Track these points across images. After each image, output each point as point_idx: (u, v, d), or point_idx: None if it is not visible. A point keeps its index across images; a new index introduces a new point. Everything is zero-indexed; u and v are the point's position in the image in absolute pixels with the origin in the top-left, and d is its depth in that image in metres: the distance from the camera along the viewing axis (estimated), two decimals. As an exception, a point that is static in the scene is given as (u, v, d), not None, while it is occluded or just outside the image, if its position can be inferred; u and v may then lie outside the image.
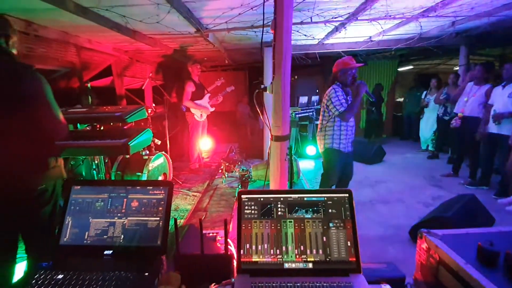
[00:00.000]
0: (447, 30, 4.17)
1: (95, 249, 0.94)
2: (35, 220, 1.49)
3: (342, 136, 2.70)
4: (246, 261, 0.84)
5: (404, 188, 4.02)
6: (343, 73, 2.65)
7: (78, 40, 3.77)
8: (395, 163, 5.31)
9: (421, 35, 4.49)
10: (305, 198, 0.88)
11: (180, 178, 4.27)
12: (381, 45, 5.01)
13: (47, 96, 1.47)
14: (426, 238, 1.00)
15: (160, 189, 1.00)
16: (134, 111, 2.26)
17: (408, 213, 3.23)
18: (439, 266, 0.94)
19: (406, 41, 4.73)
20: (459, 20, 3.71)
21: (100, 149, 1.96)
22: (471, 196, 2.66)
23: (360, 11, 3.06)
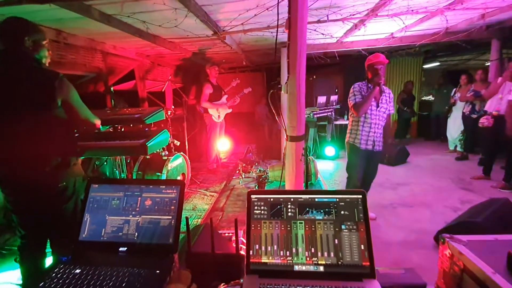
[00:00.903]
0: (476, 23, 3.92)
1: (110, 246, 0.97)
2: (58, 216, 1.57)
3: (359, 132, 2.74)
4: (255, 262, 0.83)
5: (429, 191, 3.83)
6: (368, 69, 2.76)
7: (104, 46, 3.96)
8: (419, 165, 5.07)
9: (447, 30, 4.26)
10: (316, 199, 0.86)
11: (198, 178, 4.34)
12: (404, 42, 4.80)
13: (73, 100, 1.56)
14: (449, 244, 0.94)
15: (173, 188, 1.01)
16: (152, 113, 2.33)
17: (433, 217, 3.06)
18: (463, 274, 0.87)
19: (431, 36, 4.50)
20: (489, 12, 3.47)
21: (120, 149, 2.05)
22: (505, 200, 2.47)
23: (380, 7, 2.96)
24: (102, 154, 2.22)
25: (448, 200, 3.51)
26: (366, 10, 3.13)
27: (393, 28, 4.26)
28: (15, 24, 1.48)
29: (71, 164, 1.58)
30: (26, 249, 1.63)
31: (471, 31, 4.27)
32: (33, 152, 1.47)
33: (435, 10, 3.17)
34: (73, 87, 1.58)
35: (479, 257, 0.86)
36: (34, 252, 1.64)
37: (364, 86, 2.76)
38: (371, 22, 3.60)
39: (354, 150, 2.80)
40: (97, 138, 2.08)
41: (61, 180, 1.53)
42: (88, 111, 1.68)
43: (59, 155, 1.53)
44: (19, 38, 1.47)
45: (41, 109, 1.46)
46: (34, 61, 1.51)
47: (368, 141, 2.73)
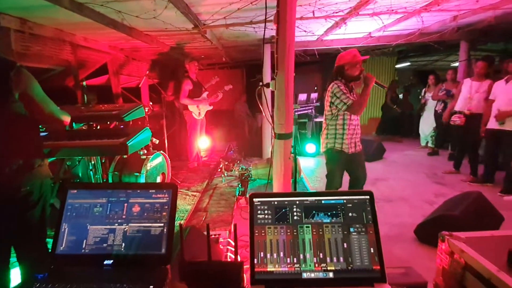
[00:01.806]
0: (448, 24, 4.12)
1: (94, 259, 0.86)
2: (23, 225, 1.40)
3: (344, 135, 2.53)
4: (261, 271, 0.77)
5: (406, 185, 3.98)
6: (350, 66, 2.49)
7: (73, 38, 3.66)
8: (395, 161, 5.27)
9: (421, 30, 4.44)
10: (322, 201, 0.81)
11: (178, 177, 4.19)
12: (381, 41, 4.95)
13: (34, 93, 1.39)
14: (449, 241, 0.94)
15: (164, 192, 0.92)
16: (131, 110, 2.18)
17: (412, 211, 3.18)
18: (465, 271, 0.87)
19: (407, 37, 4.67)
20: (461, 14, 3.66)
21: (97, 149, 1.88)
22: (478, 193, 2.61)
23: (362, 6, 2.99)
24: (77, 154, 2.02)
25: (424, 194, 3.67)
26: (349, 8, 3.15)
27: (371, 28, 4.36)
28: None
29: (35, 166, 1.41)
30: None
31: (443, 32, 4.48)
32: None
33: (413, 10, 3.28)
34: (34, 78, 1.40)
35: (481, 254, 0.86)
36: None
37: (344, 86, 2.52)
38: (352, 21, 3.65)
39: (338, 156, 2.56)
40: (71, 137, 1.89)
41: (25, 184, 1.36)
42: (54, 106, 1.50)
43: (20, 156, 1.36)
44: None
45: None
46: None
47: (351, 143, 2.56)
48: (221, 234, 1.62)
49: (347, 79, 2.53)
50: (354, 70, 2.50)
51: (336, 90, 2.48)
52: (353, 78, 2.53)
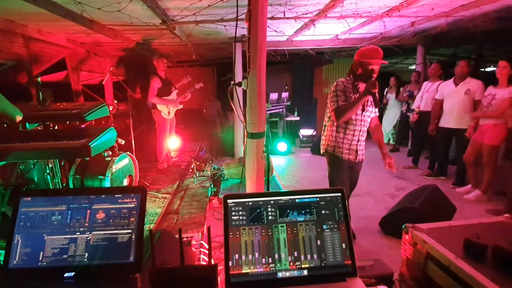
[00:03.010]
0: (407, 29, 4.41)
1: (52, 272, 0.79)
2: None
3: (340, 139, 2.26)
4: (236, 274, 0.76)
5: (370, 181, 4.20)
6: (359, 64, 2.15)
7: (26, 29, 3.34)
8: (361, 157, 5.54)
9: (383, 34, 4.71)
10: (296, 200, 0.82)
11: (147, 179, 4.01)
12: (347, 43, 5.16)
13: None
14: (413, 232, 1.00)
15: (131, 197, 0.87)
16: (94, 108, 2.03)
17: (376, 204, 3.37)
18: (427, 261, 0.94)
19: (370, 40, 4.92)
20: (418, 21, 3.94)
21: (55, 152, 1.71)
22: (434, 186, 2.83)
23: (329, 8, 3.09)
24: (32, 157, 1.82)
25: (386, 188, 3.90)
26: (317, 10, 3.24)
27: (338, 30, 4.53)
28: None
29: None
30: None
31: (402, 37, 4.79)
32: None
33: (376, 15, 3.46)
34: None
35: (440, 243, 0.93)
36: None
37: (349, 85, 2.20)
38: (320, 23, 3.75)
39: (336, 160, 2.32)
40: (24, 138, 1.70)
41: None
42: (7, 103, 1.36)
43: None
44: None
45: None
46: None
47: (350, 151, 2.28)
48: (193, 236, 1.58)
49: (355, 78, 2.22)
50: (361, 70, 2.15)
51: (332, 89, 2.24)
52: (360, 78, 2.18)
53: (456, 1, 3.01)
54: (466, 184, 3.62)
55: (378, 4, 3.12)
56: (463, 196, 3.42)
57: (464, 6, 3.12)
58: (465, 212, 3.00)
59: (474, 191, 3.40)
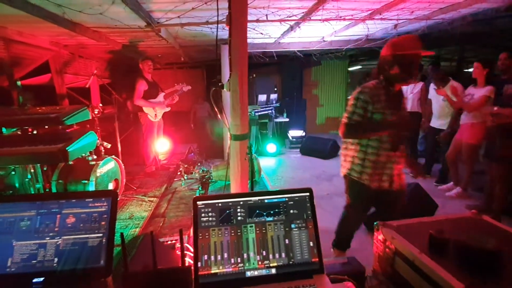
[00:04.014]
0: (390, 32, 4.51)
1: (21, 278, 0.78)
2: None
3: (368, 162, 1.72)
4: (205, 274, 0.77)
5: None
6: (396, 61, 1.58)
7: (5, 32, 3.27)
8: (349, 157, 5.61)
9: (368, 37, 4.80)
10: (265, 200, 0.84)
11: (134, 183, 3.98)
12: (333, 45, 5.24)
13: None
14: (382, 229, 1.03)
15: (102, 201, 0.87)
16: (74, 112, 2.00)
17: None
18: (395, 256, 0.97)
19: (355, 42, 5.02)
20: (401, 23, 4.03)
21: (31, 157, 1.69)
22: (416, 184, 2.90)
23: (313, 11, 3.14)
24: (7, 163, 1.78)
25: (373, 187, 3.96)
26: (301, 13, 3.29)
27: (324, 32, 4.60)
28: None
29: None
30: None
31: (386, 39, 4.89)
32: None
33: (359, 18, 3.53)
34: None
35: (407, 239, 0.96)
36: None
37: (380, 91, 1.66)
38: (305, 25, 3.80)
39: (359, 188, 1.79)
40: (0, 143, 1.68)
41: None
42: None
43: None
44: None
45: None
46: None
47: (383, 176, 1.73)
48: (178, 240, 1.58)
49: (390, 80, 1.67)
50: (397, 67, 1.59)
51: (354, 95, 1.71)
52: (397, 79, 1.65)
53: (435, 5, 3.10)
54: (448, 182, 3.72)
55: (360, 7, 3.18)
56: (445, 193, 3.51)
57: (442, 9, 3.22)
58: (446, 209, 3.08)
59: (456, 188, 3.49)
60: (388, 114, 1.65)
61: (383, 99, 1.66)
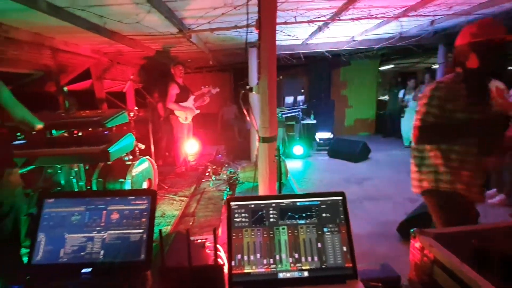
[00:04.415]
0: (426, 29, 4.28)
1: (71, 268, 0.86)
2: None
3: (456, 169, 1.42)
4: (238, 273, 0.79)
5: (390, 184, 4.09)
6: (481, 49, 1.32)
7: (53, 42, 3.59)
8: (380, 160, 5.40)
9: (401, 34, 4.60)
10: (297, 203, 0.84)
11: (166, 183, 4.15)
12: (363, 45, 5.08)
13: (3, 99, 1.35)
14: (420, 237, 0.98)
15: (143, 199, 0.93)
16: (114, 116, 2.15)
17: (396, 209, 3.27)
18: (434, 265, 0.92)
19: (387, 41, 4.82)
20: (438, 19, 3.81)
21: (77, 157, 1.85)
22: (456, 190, 2.71)
23: (342, 11, 3.08)
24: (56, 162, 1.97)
25: (406, 192, 3.75)
26: (330, 13, 3.23)
27: (354, 32, 4.48)
28: None
29: (4, 175, 1.37)
30: None
31: (421, 36, 4.64)
32: None
33: (392, 16, 3.39)
34: (3, 84, 1.37)
35: (448, 248, 0.91)
36: None
37: (460, 85, 1.38)
38: (334, 25, 3.74)
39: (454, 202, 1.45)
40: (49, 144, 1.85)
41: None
42: (26, 111, 1.46)
43: None
44: None
45: None
46: None
47: (474, 187, 1.42)
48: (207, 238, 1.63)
49: (470, 73, 1.38)
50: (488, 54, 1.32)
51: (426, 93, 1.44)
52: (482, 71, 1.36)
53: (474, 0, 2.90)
54: (491, 189, 3.44)
55: (393, 4, 3.06)
56: (487, 200, 3.25)
57: (482, 5, 3.00)
58: (489, 217, 2.84)
59: (499, 195, 3.23)
60: (474, 113, 1.36)
61: (464, 94, 1.37)
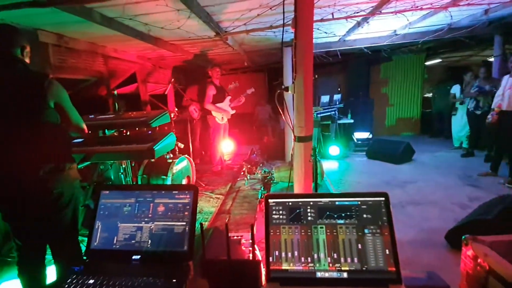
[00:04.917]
0: (479, 19, 3.89)
1: (123, 254, 0.94)
2: (56, 225, 1.52)
3: None
4: (276, 269, 0.80)
5: (436, 188, 3.79)
6: None
7: (105, 50, 3.94)
8: (425, 162, 5.02)
9: (450, 26, 4.23)
10: (336, 203, 0.83)
11: (203, 180, 4.31)
12: (407, 39, 4.77)
13: (64, 102, 1.51)
14: (473, 245, 0.91)
15: (186, 194, 0.99)
16: (158, 116, 2.31)
17: (442, 215, 3.02)
18: (489, 276, 0.84)
19: (434, 33, 4.47)
20: (493, 8, 3.44)
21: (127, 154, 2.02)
22: None
23: (384, 4, 2.92)
24: (109, 158, 2.18)
25: (455, 197, 3.46)
26: (370, 7, 3.10)
27: (396, 25, 4.23)
28: (5, 30, 1.47)
29: (66, 169, 1.51)
30: (24, 261, 1.56)
31: (474, 27, 4.22)
32: (24, 157, 1.40)
33: (440, 6, 3.14)
34: (64, 89, 1.53)
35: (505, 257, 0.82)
36: (33, 263, 1.58)
37: None
38: (374, 20, 3.57)
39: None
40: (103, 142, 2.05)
41: (56, 186, 1.46)
42: (78, 115, 1.62)
43: (52, 160, 1.45)
44: (11, 44, 1.44)
45: (32, 111, 1.41)
46: (24, 65, 1.48)
47: None
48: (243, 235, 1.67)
49: None
50: None
51: None
52: None
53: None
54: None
55: (441, -7, 2.84)
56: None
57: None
58: None
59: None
60: None
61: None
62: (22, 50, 1.49)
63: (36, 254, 1.58)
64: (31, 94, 1.41)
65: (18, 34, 1.50)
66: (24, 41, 1.51)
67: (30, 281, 1.57)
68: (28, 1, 2.05)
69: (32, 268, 1.58)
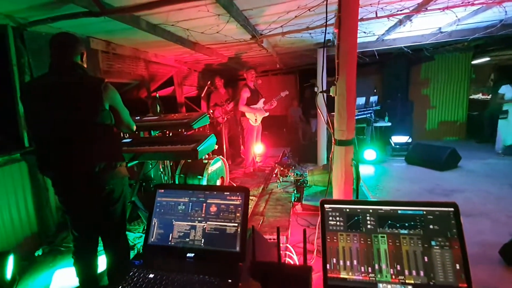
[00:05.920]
0: (540, 12, 3.51)
1: (178, 251, 0.98)
2: (107, 218, 1.63)
3: None
4: (333, 277, 0.78)
5: (488, 199, 3.47)
6: None
7: (146, 55, 4.17)
8: (473, 169, 4.63)
9: (503, 22, 3.87)
10: (398, 211, 0.79)
11: (235, 182, 4.37)
12: (453, 36, 4.45)
13: (118, 104, 1.62)
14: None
15: (237, 195, 1.00)
16: (199, 118, 2.38)
17: (496, 228, 2.76)
18: None
19: (485, 30, 4.12)
20: (559, -1, 3.08)
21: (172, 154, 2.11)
22: None
23: (430, 0, 2.76)
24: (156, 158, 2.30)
25: (510, 209, 3.15)
26: (416, 4, 2.93)
27: (441, 22, 3.96)
28: (68, 38, 1.60)
29: (116, 166, 1.61)
30: (79, 251, 1.70)
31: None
32: (83, 155, 1.52)
33: (493, 1, 2.89)
34: (117, 92, 1.64)
35: None
36: (87, 253, 1.72)
37: None
38: (418, 17, 3.37)
39: None
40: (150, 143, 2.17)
41: (108, 183, 1.58)
42: (129, 116, 1.74)
43: (106, 158, 1.57)
44: (75, 52, 1.58)
45: (91, 113, 1.52)
46: (83, 70, 1.61)
47: None
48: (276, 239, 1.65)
49: None
50: None
51: None
52: None
53: None
54: None
55: (497, -14, 2.61)
56: None
57: None
58: None
59: None
60: None
61: None
62: (82, 56, 1.63)
63: (90, 245, 1.72)
64: (90, 97, 1.53)
65: (79, 42, 1.63)
66: (83, 48, 1.64)
67: (84, 269, 1.71)
68: (84, 11, 2.24)
69: (86, 258, 1.72)
